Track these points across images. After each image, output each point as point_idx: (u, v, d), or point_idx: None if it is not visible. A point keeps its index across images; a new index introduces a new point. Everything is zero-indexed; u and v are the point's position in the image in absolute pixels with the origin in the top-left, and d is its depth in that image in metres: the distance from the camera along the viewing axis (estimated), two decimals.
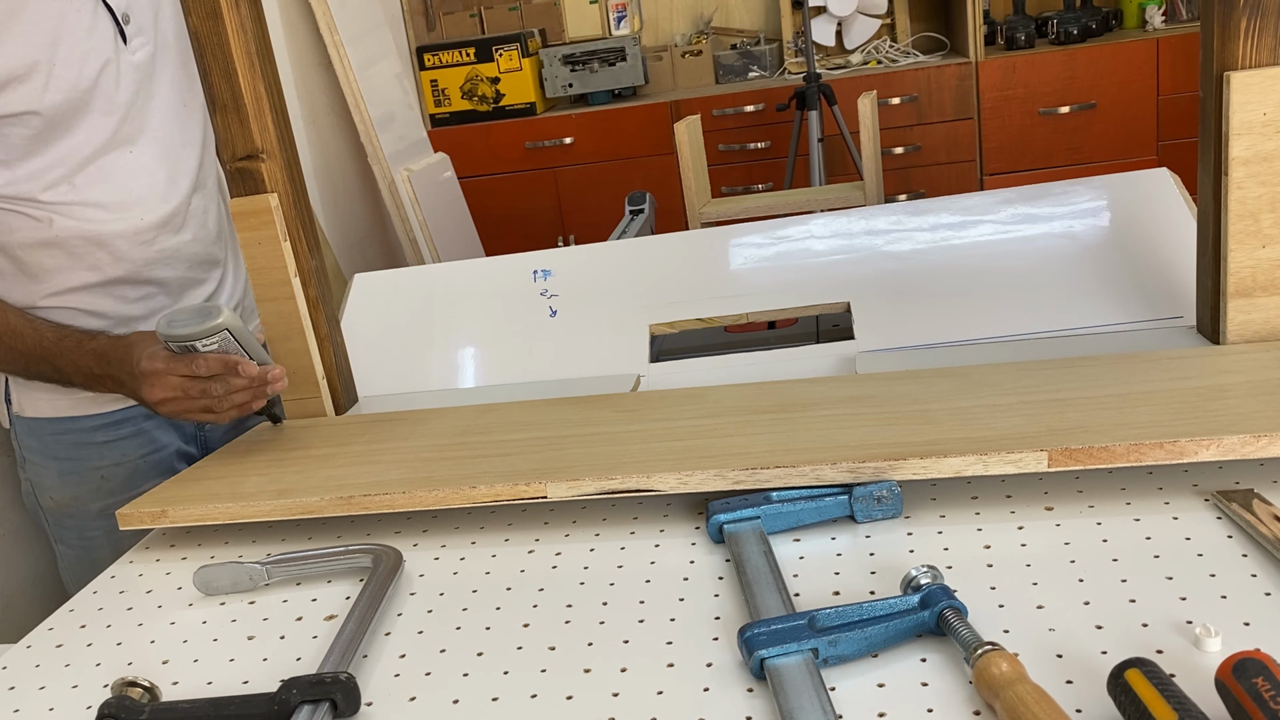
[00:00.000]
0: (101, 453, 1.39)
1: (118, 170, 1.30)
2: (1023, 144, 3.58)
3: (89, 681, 0.82)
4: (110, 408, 1.37)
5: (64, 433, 1.38)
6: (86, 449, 1.38)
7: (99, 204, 1.29)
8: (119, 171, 1.30)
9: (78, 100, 1.25)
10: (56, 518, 1.42)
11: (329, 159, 3.19)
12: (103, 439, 1.38)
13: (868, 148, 2.85)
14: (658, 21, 4.12)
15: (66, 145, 1.26)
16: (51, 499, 1.41)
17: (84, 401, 1.36)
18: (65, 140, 1.26)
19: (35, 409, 1.39)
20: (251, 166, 1.22)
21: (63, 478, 1.39)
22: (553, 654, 0.76)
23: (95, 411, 1.37)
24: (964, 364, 1.12)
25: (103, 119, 1.28)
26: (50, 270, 1.30)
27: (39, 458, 1.40)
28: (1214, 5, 1.03)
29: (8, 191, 1.25)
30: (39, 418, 1.39)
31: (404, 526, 1.01)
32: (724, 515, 0.88)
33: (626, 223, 2.82)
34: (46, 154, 1.25)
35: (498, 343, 1.42)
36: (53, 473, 1.40)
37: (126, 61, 1.29)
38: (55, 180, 1.26)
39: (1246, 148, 1.04)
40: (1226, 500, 0.82)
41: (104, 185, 1.29)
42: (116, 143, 1.30)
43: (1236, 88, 1.03)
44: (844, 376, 1.15)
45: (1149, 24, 3.66)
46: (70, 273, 1.31)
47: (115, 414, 1.38)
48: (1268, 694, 0.55)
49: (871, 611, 0.71)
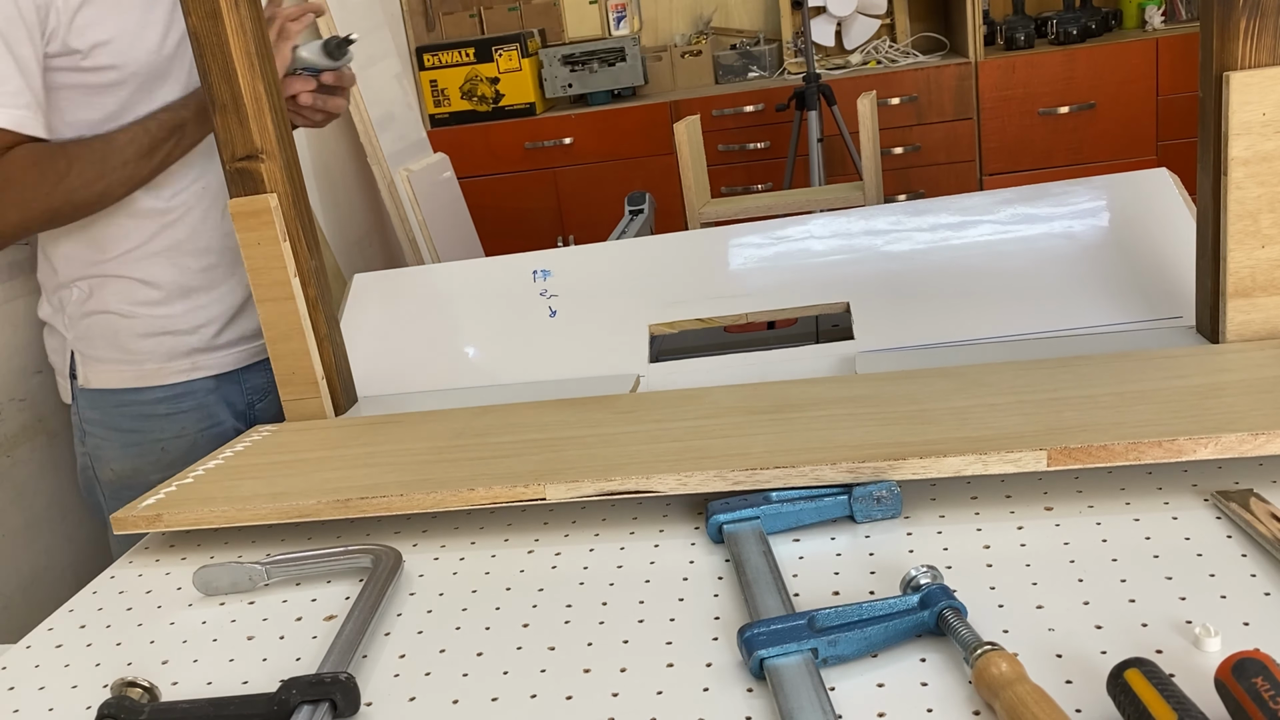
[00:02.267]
0: (164, 425, 1.45)
1: None
2: (1022, 144, 3.58)
3: (89, 682, 0.82)
4: (173, 380, 1.45)
5: (128, 404, 1.44)
6: (150, 420, 1.45)
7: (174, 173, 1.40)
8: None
9: (160, 66, 1.35)
10: (114, 489, 1.47)
11: (329, 159, 3.19)
12: (165, 411, 1.45)
13: (867, 148, 2.85)
14: (657, 22, 4.12)
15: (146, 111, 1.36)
16: (112, 470, 1.46)
17: (149, 373, 1.43)
18: (146, 107, 1.35)
19: (102, 380, 1.44)
20: (251, 167, 1.22)
21: (125, 449, 1.45)
22: (552, 654, 0.76)
23: (160, 383, 1.44)
24: (963, 364, 1.12)
25: (177, 89, 1.38)
26: (117, 237, 1.39)
27: (101, 430, 1.45)
28: (1213, 5, 1.03)
29: None
30: (104, 389, 1.44)
31: (403, 527, 1.01)
32: (723, 515, 0.88)
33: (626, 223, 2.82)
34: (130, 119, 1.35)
35: (497, 343, 1.42)
36: (115, 444, 1.45)
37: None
38: None
39: (1246, 148, 1.04)
40: (1226, 500, 0.82)
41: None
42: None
43: (1236, 88, 1.03)
44: (843, 377, 1.15)
45: (1148, 24, 3.66)
46: (136, 236, 1.40)
47: (178, 386, 1.45)
48: (1267, 694, 0.55)
49: (871, 611, 0.71)
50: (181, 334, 1.45)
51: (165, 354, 1.45)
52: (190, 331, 1.46)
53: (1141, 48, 3.47)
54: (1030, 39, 3.63)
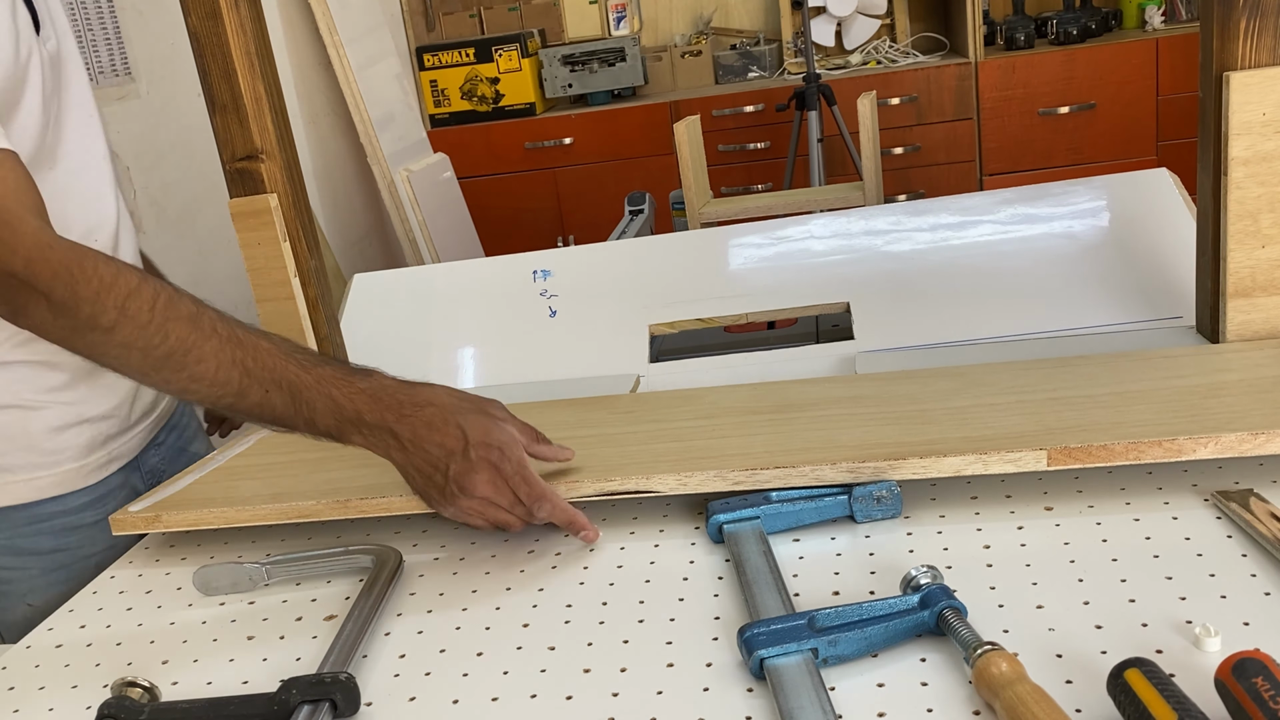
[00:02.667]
0: (94, 536, 1.12)
1: (46, 183, 1.01)
2: (1022, 144, 3.58)
3: (89, 682, 0.82)
4: (96, 478, 1.14)
5: (47, 518, 1.11)
6: (78, 533, 1.12)
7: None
8: (48, 185, 1.01)
9: (14, 84, 1.01)
10: (25, 632, 0.98)
11: (329, 159, 3.19)
12: (92, 518, 1.13)
13: (867, 148, 2.85)
14: (657, 22, 4.12)
15: None
16: (29, 606, 1.10)
17: (69, 476, 1.12)
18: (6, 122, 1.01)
19: (12, 495, 1.10)
20: (251, 167, 1.22)
21: (47, 576, 1.11)
22: (552, 654, 0.76)
23: (82, 485, 1.13)
24: (963, 364, 1.12)
25: (29, 119, 1.04)
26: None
27: (8, 558, 1.11)
28: (1214, 5, 1.03)
29: None
30: (14, 505, 1.10)
31: (403, 527, 1.01)
32: (724, 515, 0.88)
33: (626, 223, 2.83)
34: None
35: (497, 343, 1.42)
36: (33, 572, 1.11)
37: (43, 52, 1.06)
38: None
39: (1246, 148, 1.04)
40: (1226, 500, 0.82)
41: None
42: (42, 153, 1.06)
43: (1236, 88, 1.03)
44: (843, 376, 1.15)
45: (1148, 24, 3.66)
46: None
47: (101, 485, 1.15)
48: (1267, 694, 0.55)
49: (871, 611, 0.71)
50: (97, 420, 1.14)
51: (84, 447, 1.12)
52: (106, 416, 1.15)
53: (1141, 48, 3.47)
54: (1030, 39, 3.63)
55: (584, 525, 0.92)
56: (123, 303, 0.88)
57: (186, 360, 0.90)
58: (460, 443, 0.88)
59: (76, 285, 0.87)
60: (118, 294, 0.88)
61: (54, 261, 0.87)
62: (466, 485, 0.88)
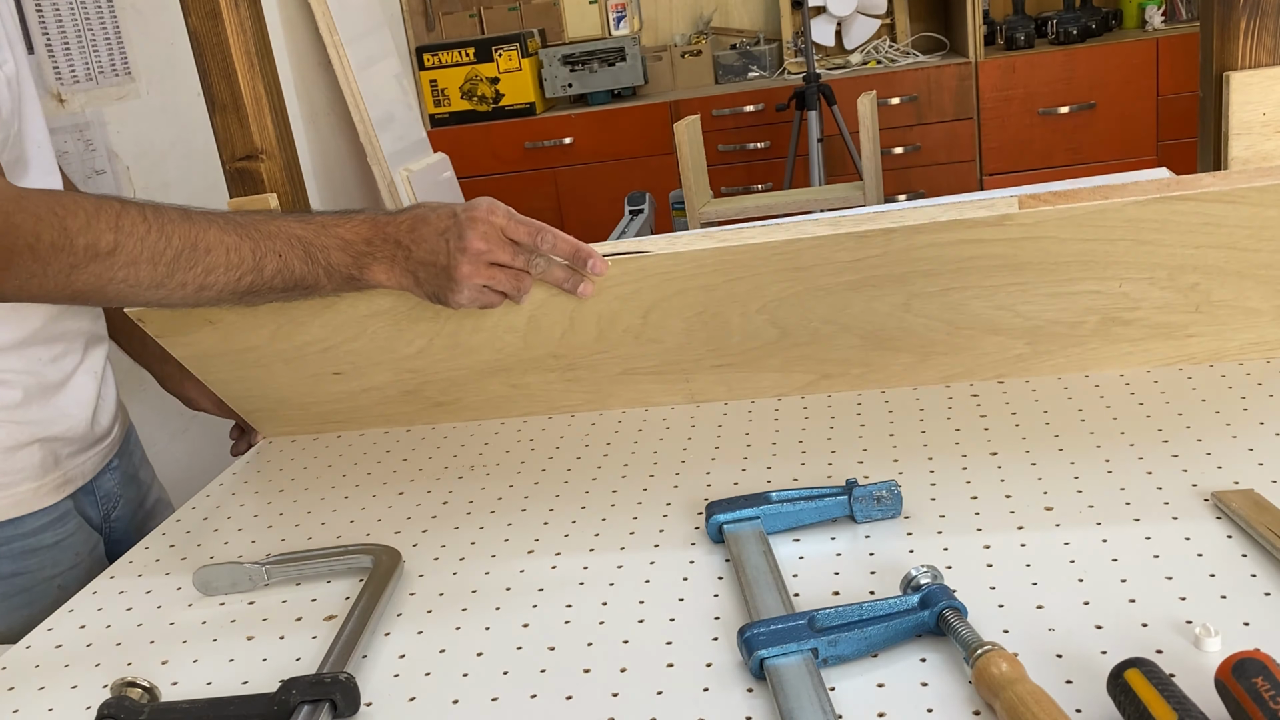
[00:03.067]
0: (56, 556, 1.09)
1: None
2: (1022, 144, 3.58)
3: (88, 682, 0.82)
4: (52, 499, 1.09)
5: (3, 543, 1.05)
6: (36, 555, 1.07)
7: None
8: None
9: None
10: None
11: (329, 159, 3.19)
12: (53, 539, 1.08)
13: (867, 148, 2.85)
14: (657, 21, 4.12)
15: None
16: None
17: (25, 497, 1.06)
18: None
19: None
20: (251, 167, 1.22)
21: (7, 601, 1.05)
22: (552, 654, 0.76)
23: (39, 507, 1.08)
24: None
25: None
26: None
27: None
28: (1214, 5, 1.03)
29: None
30: None
31: (404, 526, 1.01)
32: (723, 515, 0.88)
33: (626, 223, 2.83)
34: None
35: None
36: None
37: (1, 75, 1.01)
38: None
39: (1246, 148, 1.04)
40: (1226, 500, 0.82)
41: None
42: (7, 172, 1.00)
43: (1236, 88, 1.03)
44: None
45: (1148, 24, 3.66)
46: None
47: (65, 504, 1.10)
48: (1267, 694, 0.55)
49: (871, 611, 0.71)
50: (52, 441, 1.08)
51: (40, 467, 1.07)
52: (62, 436, 1.10)
53: (1141, 48, 3.47)
54: (1030, 39, 3.63)
55: (590, 253, 0.97)
56: (116, 222, 0.88)
57: (196, 254, 0.90)
58: (451, 219, 0.97)
59: (65, 221, 0.86)
60: (108, 216, 0.88)
61: (33, 208, 0.86)
62: (464, 244, 0.95)
